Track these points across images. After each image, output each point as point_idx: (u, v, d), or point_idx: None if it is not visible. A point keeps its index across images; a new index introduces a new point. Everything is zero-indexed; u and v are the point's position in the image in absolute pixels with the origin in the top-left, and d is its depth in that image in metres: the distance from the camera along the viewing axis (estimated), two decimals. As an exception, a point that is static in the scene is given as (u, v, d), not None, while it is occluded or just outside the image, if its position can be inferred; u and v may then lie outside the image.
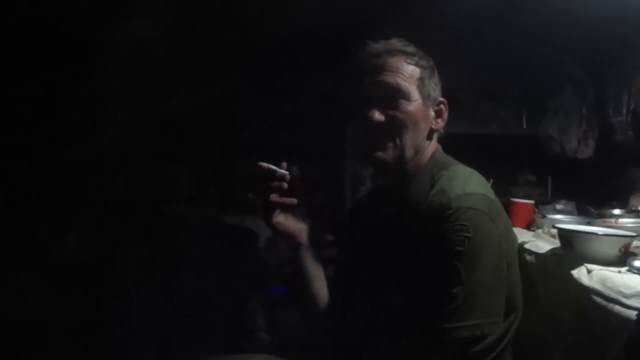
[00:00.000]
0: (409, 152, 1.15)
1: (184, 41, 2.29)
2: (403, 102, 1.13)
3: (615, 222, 1.45)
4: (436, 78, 1.20)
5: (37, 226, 2.27)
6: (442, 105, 1.21)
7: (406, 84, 1.13)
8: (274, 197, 1.17)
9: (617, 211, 1.73)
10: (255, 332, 2.43)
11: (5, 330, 2.06)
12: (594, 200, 1.91)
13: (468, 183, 1.09)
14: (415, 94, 1.14)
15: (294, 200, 1.18)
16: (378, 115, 1.12)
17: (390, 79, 1.13)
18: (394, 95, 1.13)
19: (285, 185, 1.16)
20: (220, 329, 2.32)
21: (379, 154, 1.14)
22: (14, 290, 2.15)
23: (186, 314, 2.39)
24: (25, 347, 2.11)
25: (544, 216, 1.63)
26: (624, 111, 2.36)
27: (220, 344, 2.19)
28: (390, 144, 1.14)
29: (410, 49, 1.17)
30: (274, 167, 1.16)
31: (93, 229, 2.42)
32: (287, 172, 1.16)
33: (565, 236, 1.14)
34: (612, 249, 1.07)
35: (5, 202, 2.17)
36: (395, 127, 1.13)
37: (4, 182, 2.16)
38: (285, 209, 1.19)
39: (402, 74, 1.13)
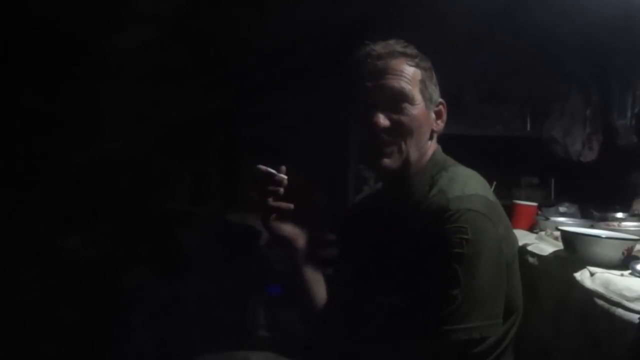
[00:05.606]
0: (413, 156, 1.14)
1: (188, 41, 2.29)
2: (407, 106, 1.12)
3: (619, 226, 1.45)
4: (435, 79, 1.19)
5: (41, 224, 2.28)
6: (441, 106, 1.21)
7: (409, 87, 1.12)
8: (271, 201, 1.16)
9: (620, 214, 1.73)
10: (256, 330, 2.44)
11: (7, 327, 2.06)
12: (597, 203, 1.91)
13: (468, 184, 1.08)
14: (418, 96, 1.13)
15: (290, 206, 1.17)
16: (383, 120, 1.11)
17: (394, 82, 1.12)
18: (398, 99, 1.12)
19: (281, 190, 1.15)
20: (221, 327, 2.32)
21: (385, 161, 1.13)
22: (16, 287, 2.16)
23: (187, 311, 2.39)
24: (27, 344, 2.12)
25: (547, 218, 1.62)
26: (629, 114, 2.35)
27: (221, 341, 2.19)
28: (396, 150, 1.13)
29: (411, 50, 1.16)
30: (272, 171, 1.15)
31: (96, 227, 2.42)
32: (285, 177, 1.15)
33: (568, 239, 1.14)
34: (615, 252, 1.06)
35: (8, 200, 2.18)
36: (401, 132, 1.12)
37: (9, 181, 2.17)
38: (283, 213, 1.18)
39: (405, 77, 1.12)
